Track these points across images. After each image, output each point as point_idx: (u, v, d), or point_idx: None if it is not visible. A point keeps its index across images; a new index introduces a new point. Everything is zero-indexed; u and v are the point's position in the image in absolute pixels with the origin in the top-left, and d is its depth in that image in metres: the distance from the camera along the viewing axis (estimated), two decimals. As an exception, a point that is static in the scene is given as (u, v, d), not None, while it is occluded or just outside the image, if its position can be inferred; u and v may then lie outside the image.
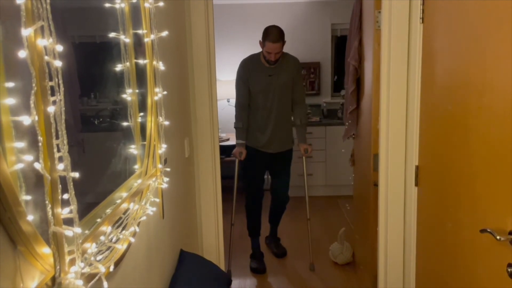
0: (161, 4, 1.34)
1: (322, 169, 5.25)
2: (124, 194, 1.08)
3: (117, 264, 0.98)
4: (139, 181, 1.21)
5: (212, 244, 2.57)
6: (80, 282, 0.69)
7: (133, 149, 1.27)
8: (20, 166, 0.62)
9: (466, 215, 1.73)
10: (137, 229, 1.08)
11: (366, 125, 2.94)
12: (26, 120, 0.60)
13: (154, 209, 1.22)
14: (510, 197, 1.41)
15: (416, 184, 2.28)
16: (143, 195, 1.19)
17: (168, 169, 1.47)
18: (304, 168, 3.59)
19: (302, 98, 3.45)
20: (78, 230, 0.67)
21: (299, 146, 3.50)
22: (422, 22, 2.14)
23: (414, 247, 2.34)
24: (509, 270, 1.40)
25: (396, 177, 2.41)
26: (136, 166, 1.29)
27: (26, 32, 0.58)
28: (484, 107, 1.57)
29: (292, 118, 3.46)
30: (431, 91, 2.06)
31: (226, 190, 3.26)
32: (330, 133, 5.16)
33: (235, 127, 3.39)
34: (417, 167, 2.27)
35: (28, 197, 0.67)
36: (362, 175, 3.16)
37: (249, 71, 3.28)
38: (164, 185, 1.34)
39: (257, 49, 3.28)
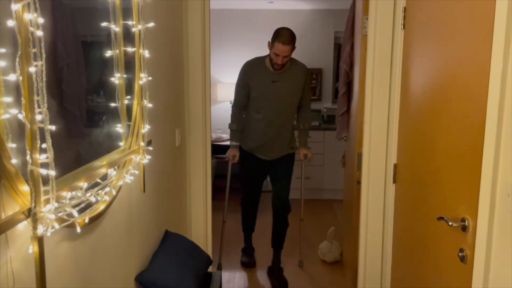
0: (148, -1, 1.50)
1: (320, 173, 5.36)
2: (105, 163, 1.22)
3: (93, 220, 1.13)
4: (122, 155, 1.36)
5: (200, 232, 2.71)
6: (52, 216, 0.83)
7: (119, 128, 1.42)
8: (6, 116, 0.77)
9: (430, 206, 1.85)
10: (114, 192, 1.22)
11: (355, 127, 3.07)
12: (12, 77, 0.75)
13: (132, 178, 1.36)
14: (464, 188, 1.53)
15: (394, 181, 2.40)
16: (125, 166, 1.34)
17: (150, 148, 1.62)
18: (302, 172, 3.54)
19: (309, 103, 3.34)
20: (52, 172, 0.82)
21: (299, 150, 3.38)
22: (403, 28, 2.28)
23: (391, 241, 2.45)
24: (460, 254, 1.52)
25: (377, 175, 2.53)
26: (121, 143, 1.43)
27: (15, 7, 0.73)
28: (448, 109, 1.69)
29: (295, 122, 3.36)
30: (408, 93, 2.19)
31: (223, 190, 3.34)
32: (329, 138, 5.27)
33: (229, 128, 3.29)
34: (395, 165, 2.39)
35: (13, 145, 0.81)
36: (350, 175, 3.28)
37: (251, 74, 3.14)
38: (145, 161, 1.49)
39: (261, 54, 3.21)
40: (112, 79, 1.38)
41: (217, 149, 5.28)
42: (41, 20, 0.76)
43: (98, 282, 1.25)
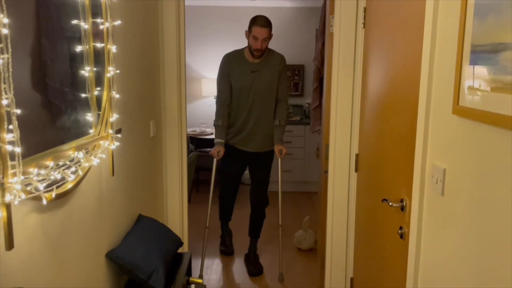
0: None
1: (300, 166, 5.52)
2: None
3: (60, 196, 1.27)
4: (91, 140, 1.50)
5: (176, 221, 2.86)
6: (18, 187, 0.97)
7: (89, 116, 1.56)
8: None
9: (378, 190, 2.02)
10: (81, 173, 1.37)
11: (325, 120, 3.23)
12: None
13: (99, 161, 1.51)
14: (403, 173, 1.69)
15: (356, 170, 2.57)
16: (93, 150, 1.49)
17: (119, 136, 1.76)
18: (279, 170, 3.43)
19: (286, 98, 3.35)
20: (18, 149, 0.96)
21: (274, 147, 3.38)
22: (364, 27, 2.43)
23: (353, 225, 2.62)
24: (399, 232, 1.69)
25: (342, 164, 2.69)
26: (91, 130, 1.58)
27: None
28: (394, 104, 1.86)
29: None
30: (367, 89, 2.35)
31: (206, 183, 3.40)
32: (310, 132, 5.43)
33: (214, 125, 3.31)
34: (357, 155, 2.56)
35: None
36: (322, 166, 3.44)
37: (231, 65, 3.20)
38: (113, 147, 1.63)
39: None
40: (83, 72, 1.52)
41: (201, 143, 5.43)
42: (6, 20, 0.91)
43: (67, 254, 1.40)
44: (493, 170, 1.05)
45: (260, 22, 3.03)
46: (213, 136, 5.33)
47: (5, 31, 0.91)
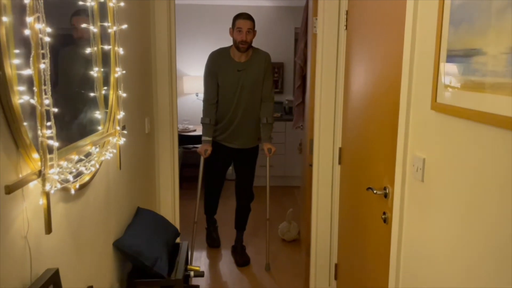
0: (122, 4, 1.76)
1: (282, 161, 5.70)
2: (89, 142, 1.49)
3: (81, 187, 1.39)
4: (101, 136, 1.62)
5: (169, 212, 2.98)
6: (56, 177, 1.09)
7: (98, 114, 1.68)
8: (21, 101, 1.03)
9: (362, 179, 2.20)
10: (97, 165, 1.49)
11: (309, 116, 3.40)
12: (27, 72, 1.01)
13: (111, 155, 1.63)
14: (386, 163, 1.87)
15: (340, 163, 2.75)
16: (104, 145, 1.61)
17: (125, 132, 1.88)
18: (267, 166, 3.53)
19: (271, 95, 3.40)
20: (56, 143, 1.08)
21: (263, 145, 3.44)
22: (346, 29, 2.61)
23: (337, 215, 2.80)
24: (383, 216, 1.87)
25: (326, 157, 2.86)
26: (100, 127, 1.69)
27: (30, 19, 0.99)
28: (376, 99, 2.03)
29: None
30: (349, 86, 2.52)
31: (190, 180, 3.46)
32: (290, 128, 5.61)
33: (202, 123, 3.34)
34: (340, 149, 2.74)
35: (26, 123, 1.07)
36: (306, 161, 3.62)
37: (218, 63, 3.25)
38: (121, 142, 1.75)
39: (225, 46, 3.35)
40: (91, 72, 1.63)
41: (184, 140, 5.53)
42: (48, 29, 1.02)
43: (84, 240, 1.51)
44: (466, 158, 1.23)
45: (243, 15, 3.16)
46: (196, 133, 5.48)
47: (46, 38, 1.02)
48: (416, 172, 1.56)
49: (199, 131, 5.40)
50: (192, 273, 2.26)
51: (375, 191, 1.89)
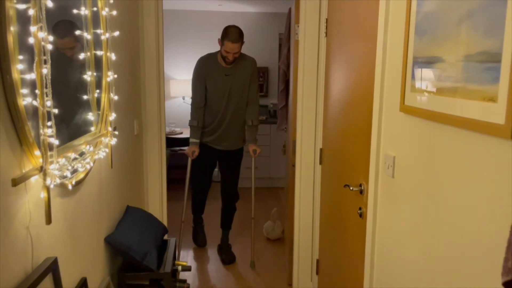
0: (114, 12, 1.86)
1: (267, 163, 5.82)
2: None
3: (76, 184, 1.49)
4: (94, 137, 1.72)
5: (157, 212, 3.07)
6: (57, 172, 1.19)
7: (91, 116, 1.78)
8: (25, 102, 1.13)
9: (340, 178, 2.33)
10: (92, 164, 1.59)
11: (292, 119, 3.53)
12: (30, 76, 1.11)
13: (104, 154, 1.73)
14: (361, 162, 2.00)
15: (320, 163, 2.88)
16: (97, 145, 1.71)
17: (116, 133, 1.98)
18: (253, 168, 3.67)
19: (256, 98, 3.52)
20: (56, 141, 1.18)
21: (248, 147, 3.57)
22: (326, 36, 2.75)
23: (318, 213, 2.93)
24: (359, 211, 2.00)
25: (307, 158, 3.00)
26: (92, 128, 1.79)
27: (33, 28, 1.09)
28: (353, 102, 2.17)
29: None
30: (329, 89, 2.66)
31: (177, 182, 3.55)
32: (275, 131, 5.75)
33: (189, 125, 3.45)
34: (321, 150, 2.87)
35: (29, 122, 1.17)
36: (289, 161, 3.75)
37: (206, 69, 3.36)
38: (113, 142, 1.85)
39: (211, 51, 3.49)
40: (85, 76, 1.74)
41: (171, 142, 5.62)
42: (50, 38, 1.13)
43: (78, 234, 1.61)
44: (428, 155, 1.37)
45: (232, 37, 3.20)
46: (183, 136, 5.57)
47: (48, 46, 1.13)
48: (387, 169, 1.70)
49: (186, 134, 5.50)
50: (179, 268, 2.36)
51: (351, 188, 2.02)
